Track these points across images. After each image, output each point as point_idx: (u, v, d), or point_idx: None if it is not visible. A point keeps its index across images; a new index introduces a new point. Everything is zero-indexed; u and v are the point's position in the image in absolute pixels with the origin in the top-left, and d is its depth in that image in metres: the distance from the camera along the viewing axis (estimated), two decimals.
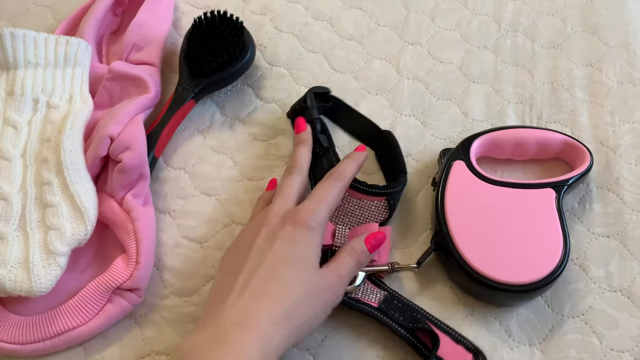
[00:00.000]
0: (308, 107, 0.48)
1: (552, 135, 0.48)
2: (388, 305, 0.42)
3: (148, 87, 0.49)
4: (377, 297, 0.42)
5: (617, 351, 0.42)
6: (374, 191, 0.44)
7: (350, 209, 0.45)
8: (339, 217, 0.45)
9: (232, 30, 0.50)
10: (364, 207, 0.45)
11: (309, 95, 0.48)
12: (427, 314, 0.42)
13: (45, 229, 0.41)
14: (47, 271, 0.39)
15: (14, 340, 0.40)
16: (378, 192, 0.45)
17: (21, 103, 0.46)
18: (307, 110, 0.48)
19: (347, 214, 0.45)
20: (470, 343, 0.41)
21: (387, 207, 0.45)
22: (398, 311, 0.42)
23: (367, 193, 0.45)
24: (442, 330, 0.41)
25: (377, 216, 0.45)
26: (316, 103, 0.49)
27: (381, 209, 0.45)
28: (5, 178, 0.42)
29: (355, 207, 0.45)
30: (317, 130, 0.47)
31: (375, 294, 0.42)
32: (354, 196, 0.45)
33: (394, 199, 0.45)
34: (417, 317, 0.41)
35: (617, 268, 0.44)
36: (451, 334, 0.41)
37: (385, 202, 0.45)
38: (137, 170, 0.45)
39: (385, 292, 0.43)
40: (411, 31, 0.57)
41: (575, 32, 0.56)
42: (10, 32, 0.46)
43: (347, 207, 0.45)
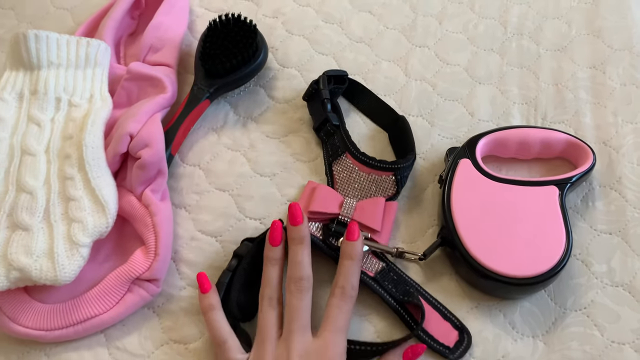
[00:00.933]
0: (320, 89, 0.50)
1: (556, 135, 0.49)
2: (383, 277, 0.44)
3: (165, 87, 0.51)
4: (375, 268, 0.44)
5: (618, 343, 0.43)
6: (382, 166, 0.47)
7: (359, 182, 0.47)
8: (348, 189, 0.47)
9: (245, 32, 0.51)
10: (372, 182, 0.47)
11: (322, 77, 0.51)
12: (420, 288, 0.45)
13: (68, 221, 0.43)
14: (70, 261, 0.41)
15: (39, 326, 0.41)
16: (386, 167, 0.47)
17: (44, 102, 0.48)
18: (319, 91, 0.50)
19: (356, 187, 0.47)
20: (458, 321, 0.43)
21: (395, 182, 0.47)
22: (392, 283, 0.44)
23: (376, 168, 0.47)
24: (432, 306, 0.44)
25: (385, 191, 0.47)
26: (331, 85, 0.51)
27: (389, 184, 0.47)
28: (31, 173, 0.44)
29: (363, 181, 0.47)
30: (327, 109, 0.50)
31: (374, 264, 0.45)
32: (362, 170, 0.47)
33: (402, 174, 0.47)
34: (409, 291, 0.43)
35: (618, 264, 0.46)
36: (441, 311, 0.44)
37: (392, 177, 0.46)
38: (155, 167, 0.46)
39: (383, 263, 0.45)
40: (419, 34, 0.58)
41: (580, 35, 0.58)
42: (34, 34, 0.48)
43: (355, 180, 0.47)
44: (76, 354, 0.42)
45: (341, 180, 0.48)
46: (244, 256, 0.43)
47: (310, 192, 0.47)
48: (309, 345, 0.38)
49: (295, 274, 0.40)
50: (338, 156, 0.49)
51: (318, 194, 0.46)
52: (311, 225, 0.46)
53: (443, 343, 0.42)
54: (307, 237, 0.42)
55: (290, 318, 0.39)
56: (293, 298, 0.39)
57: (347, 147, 0.48)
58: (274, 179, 0.50)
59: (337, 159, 0.49)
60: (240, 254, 0.44)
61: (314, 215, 0.46)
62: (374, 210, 0.45)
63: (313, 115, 0.52)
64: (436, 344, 0.42)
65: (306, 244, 0.42)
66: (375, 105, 0.54)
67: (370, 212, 0.45)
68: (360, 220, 0.45)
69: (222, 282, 0.43)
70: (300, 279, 0.40)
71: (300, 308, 0.39)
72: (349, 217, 0.45)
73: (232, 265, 0.43)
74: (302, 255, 0.41)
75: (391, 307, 0.43)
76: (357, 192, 0.47)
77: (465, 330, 0.43)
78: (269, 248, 0.42)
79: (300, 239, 0.42)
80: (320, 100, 0.50)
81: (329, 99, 0.50)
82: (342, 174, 0.48)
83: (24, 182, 0.43)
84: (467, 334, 0.43)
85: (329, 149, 0.50)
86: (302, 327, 0.39)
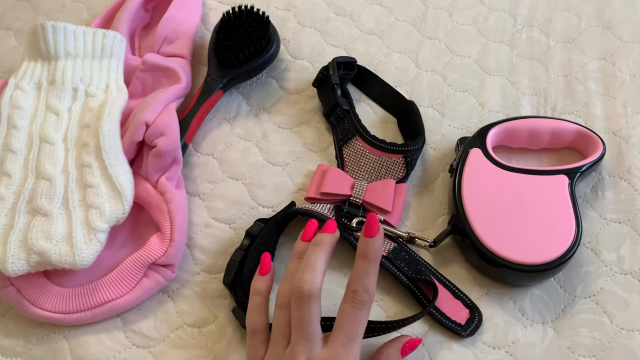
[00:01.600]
0: (329, 74, 0.51)
1: (566, 125, 0.50)
2: (396, 256, 0.45)
3: (179, 78, 0.52)
4: (387, 247, 0.45)
5: (627, 330, 0.43)
6: (392, 148, 0.47)
7: (369, 165, 0.48)
8: (358, 172, 0.48)
9: (258, 24, 0.52)
10: (382, 164, 0.48)
11: (331, 63, 0.52)
12: (431, 267, 0.45)
13: (86, 207, 0.44)
14: (88, 246, 0.42)
15: (58, 309, 0.42)
16: (396, 150, 0.47)
17: (62, 91, 0.49)
18: (329, 77, 0.51)
19: (366, 169, 0.48)
20: (469, 300, 0.44)
21: (405, 165, 0.47)
22: (404, 262, 0.45)
23: (386, 150, 0.47)
24: (444, 285, 0.45)
25: (395, 173, 0.48)
26: (340, 71, 0.52)
27: (399, 166, 0.47)
28: (49, 160, 0.45)
29: (374, 164, 0.48)
30: (338, 94, 0.50)
31: (386, 244, 0.45)
32: (373, 153, 0.48)
33: (411, 157, 0.48)
34: (421, 270, 0.44)
35: (628, 252, 0.46)
36: (451, 289, 0.44)
37: (402, 159, 0.47)
38: (170, 155, 0.47)
39: (395, 244, 0.46)
40: (429, 26, 0.59)
41: (590, 27, 0.58)
42: (52, 25, 0.49)
43: (366, 162, 0.48)
44: (94, 336, 0.43)
45: (351, 163, 0.49)
46: (256, 235, 0.44)
47: (322, 175, 0.48)
48: (316, 357, 0.35)
49: (301, 275, 0.36)
50: (348, 139, 0.49)
51: (329, 176, 0.47)
52: (323, 206, 0.46)
53: (455, 320, 0.43)
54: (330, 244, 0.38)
55: (295, 327, 0.36)
56: (294, 306, 0.36)
57: (357, 130, 0.49)
58: (286, 168, 0.51)
59: (348, 142, 0.49)
60: (253, 234, 0.44)
61: (325, 196, 0.46)
62: (385, 192, 0.46)
63: (323, 101, 0.53)
64: (448, 321, 0.43)
65: (326, 250, 0.37)
66: (384, 91, 0.54)
67: (381, 193, 0.46)
68: (371, 201, 0.46)
69: (234, 260, 0.43)
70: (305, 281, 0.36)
71: (302, 318, 0.35)
72: (360, 198, 0.46)
73: (245, 244, 0.44)
74: (316, 257, 0.37)
75: (404, 285, 0.44)
76: (367, 175, 0.48)
77: (476, 309, 0.44)
78: (299, 242, 0.40)
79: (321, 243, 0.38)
80: (330, 85, 0.51)
81: (339, 84, 0.51)
82: (353, 157, 0.49)
83: (43, 169, 0.44)
84: (478, 312, 0.44)
85: (339, 133, 0.50)
86: (307, 338, 0.35)
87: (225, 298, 0.45)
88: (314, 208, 0.46)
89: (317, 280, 0.36)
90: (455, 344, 0.43)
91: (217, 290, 0.45)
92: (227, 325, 0.44)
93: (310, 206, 0.46)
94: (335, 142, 0.51)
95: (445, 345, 0.43)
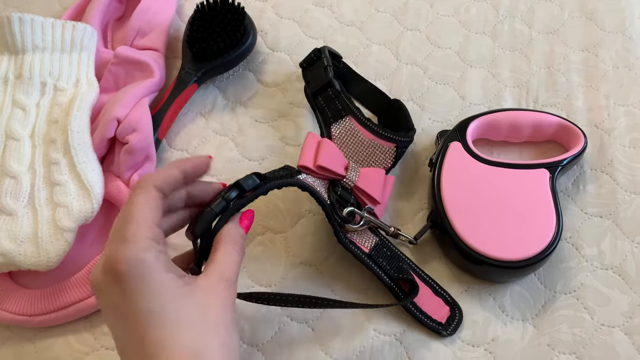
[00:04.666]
0: (322, 56, 0.49)
1: (547, 118, 0.49)
2: (377, 252, 0.43)
3: (153, 72, 0.50)
4: (370, 243, 0.44)
5: (607, 326, 0.43)
6: (387, 135, 0.46)
7: (359, 146, 0.46)
8: (352, 153, 0.47)
9: (233, 15, 0.51)
10: (373, 148, 0.46)
11: (324, 47, 0.50)
12: (413, 265, 0.45)
13: (53, 206, 0.42)
14: (55, 246, 0.41)
15: (23, 312, 0.41)
16: (390, 137, 0.46)
17: (29, 86, 0.47)
18: (321, 58, 0.49)
19: (355, 150, 0.46)
20: (450, 297, 0.43)
21: (395, 154, 0.46)
22: (386, 259, 0.43)
23: (380, 135, 0.46)
24: (424, 281, 0.44)
25: (383, 161, 0.46)
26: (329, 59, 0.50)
27: (388, 155, 0.46)
28: (15, 157, 0.44)
29: (366, 146, 0.46)
30: (331, 75, 0.48)
31: (369, 238, 0.44)
32: (365, 135, 0.46)
33: (403, 148, 0.47)
34: (402, 267, 0.43)
35: (609, 247, 0.45)
36: (432, 286, 0.44)
37: (394, 149, 0.46)
38: (143, 152, 0.46)
39: (377, 238, 0.44)
40: (410, 17, 0.58)
41: (572, 18, 0.57)
42: (18, 17, 0.47)
43: (356, 143, 0.46)
44: (61, 338, 0.42)
45: (340, 141, 0.47)
46: (246, 191, 0.37)
47: (316, 145, 0.44)
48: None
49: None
50: (340, 118, 0.47)
51: (325, 148, 0.44)
52: (319, 183, 0.43)
53: (435, 319, 0.42)
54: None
55: None
56: None
57: (351, 110, 0.47)
58: (263, 163, 0.50)
59: (339, 120, 0.47)
60: (244, 187, 0.37)
61: (321, 170, 0.43)
62: (377, 181, 0.45)
63: (311, 81, 0.50)
64: (429, 320, 0.42)
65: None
66: (367, 90, 0.53)
67: (373, 181, 0.45)
68: (363, 187, 0.44)
69: (213, 211, 0.36)
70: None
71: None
72: (353, 182, 0.44)
73: (230, 196, 0.36)
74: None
75: (385, 285, 0.43)
76: (355, 156, 0.47)
77: (457, 306, 0.43)
78: None
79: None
80: (323, 66, 0.49)
81: (332, 67, 0.49)
82: (342, 135, 0.47)
83: (8, 166, 0.43)
84: (459, 309, 0.43)
85: (328, 113, 0.47)
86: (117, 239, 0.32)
87: None
88: (313, 183, 0.42)
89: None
90: (434, 343, 0.42)
91: None
92: None
93: (309, 180, 0.42)
94: (321, 122, 0.48)
95: (424, 343, 0.42)
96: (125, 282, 0.30)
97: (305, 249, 0.46)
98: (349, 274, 0.45)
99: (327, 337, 0.42)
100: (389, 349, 0.42)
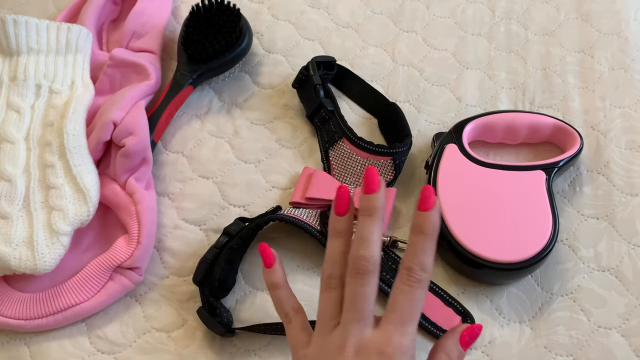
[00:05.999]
0: (310, 74, 0.50)
1: (543, 119, 0.49)
2: (381, 267, 0.43)
3: (149, 74, 0.50)
4: None
5: (604, 328, 0.43)
6: (380, 150, 0.46)
7: (357, 168, 0.46)
8: (345, 175, 0.47)
9: (229, 17, 0.51)
10: None
11: (311, 63, 0.50)
12: None
13: (48, 209, 0.42)
14: (50, 250, 0.40)
15: (19, 316, 0.41)
16: (385, 152, 0.46)
17: (24, 88, 0.47)
18: (310, 77, 0.50)
19: (354, 172, 0.46)
20: (461, 306, 0.43)
21: (393, 167, 0.46)
22: (390, 272, 0.43)
23: (374, 152, 0.46)
24: (434, 293, 0.43)
25: (383, 176, 0.46)
26: (320, 71, 0.51)
27: (387, 168, 0.46)
28: (9, 160, 0.43)
29: (361, 166, 0.46)
30: (321, 95, 0.48)
31: None
32: (360, 155, 0.46)
33: (400, 159, 0.46)
34: None
35: (605, 248, 0.46)
36: (442, 297, 0.43)
37: (391, 161, 0.46)
38: (139, 155, 0.46)
39: (381, 252, 0.44)
40: (406, 19, 0.58)
41: (568, 20, 0.57)
42: (12, 19, 0.47)
43: (353, 165, 0.46)
44: (57, 343, 0.42)
45: (338, 166, 0.47)
46: (234, 235, 0.43)
47: (307, 179, 0.46)
48: (367, 338, 0.32)
49: (359, 252, 0.33)
50: (335, 142, 0.48)
51: (315, 180, 0.46)
52: (308, 212, 0.45)
53: (445, 330, 0.42)
54: (382, 209, 0.34)
55: (348, 305, 0.33)
56: (352, 281, 0.33)
57: (343, 132, 0.47)
58: (259, 165, 0.50)
59: (334, 145, 0.48)
60: (231, 232, 0.43)
61: (311, 202, 0.45)
62: None
63: (305, 102, 0.51)
64: (439, 331, 0.42)
65: (379, 218, 0.33)
66: (365, 91, 0.53)
67: None
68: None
69: (206, 259, 0.42)
70: (364, 258, 0.32)
71: (360, 294, 0.32)
72: None
73: (221, 242, 0.42)
74: (371, 230, 0.33)
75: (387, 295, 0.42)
76: (355, 178, 0.47)
77: (469, 315, 0.43)
78: (334, 218, 0.34)
79: (372, 210, 0.33)
80: (312, 86, 0.49)
81: (321, 85, 0.49)
82: (339, 160, 0.47)
83: (3, 169, 0.43)
84: (471, 319, 0.43)
85: (324, 136, 0.49)
86: (361, 317, 0.32)
87: (195, 301, 0.44)
88: (298, 215, 0.44)
89: (376, 255, 0.33)
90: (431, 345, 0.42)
91: (187, 293, 0.44)
92: (196, 329, 0.42)
93: (294, 212, 0.44)
94: (320, 145, 0.49)
95: (421, 345, 0.42)
96: None
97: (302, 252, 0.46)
98: None
99: None
100: None
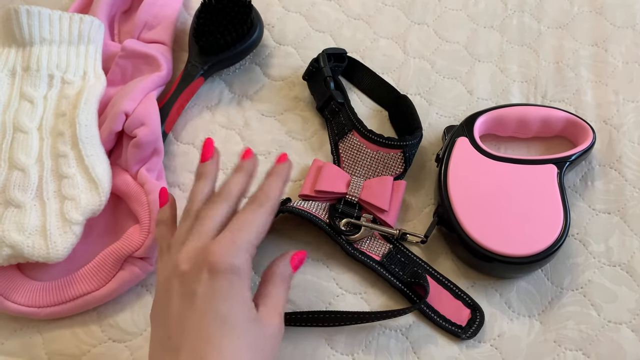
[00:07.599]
0: (321, 67, 0.49)
1: (556, 113, 0.48)
2: (390, 260, 0.43)
3: (160, 65, 0.50)
4: (382, 250, 0.44)
5: (614, 323, 0.42)
6: (390, 143, 0.46)
7: (367, 161, 0.46)
8: (355, 168, 0.47)
9: (240, 9, 0.50)
10: (379, 159, 0.46)
11: (322, 55, 0.50)
12: (430, 268, 0.44)
13: (61, 199, 0.42)
14: (63, 239, 0.41)
15: (32, 303, 0.41)
16: (395, 144, 0.46)
17: (37, 78, 0.48)
18: (320, 69, 0.50)
19: (363, 165, 0.46)
20: (470, 299, 0.43)
21: (403, 160, 0.46)
22: (399, 265, 0.43)
23: (384, 145, 0.46)
24: (443, 285, 0.43)
25: (393, 169, 0.46)
26: (331, 63, 0.50)
27: (397, 161, 0.46)
28: (23, 150, 0.44)
29: (371, 159, 0.46)
30: (331, 87, 0.48)
31: (381, 246, 0.44)
32: (370, 148, 0.46)
33: (410, 152, 0.46)
34: (417, 272, 0.43)
35: (617, 243, 0.45)
36: (451, 289, 0.43)
37: (401, 154, 0.46)
38: (151, 146, 0.46)
39: (390, 245, 0.44)
40: (418, 11, 0.57)
41: (582, 12, 0.57)
42: (26, 9, 0.47)
43: (363, 158, 0.46)
44: (69, 330, 0.42)
45: (348, 159, 0.47)
46: None
47: (317, 171, 0.46)
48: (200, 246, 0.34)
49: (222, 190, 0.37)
50: (344, 134, 0.48)
51: (324, 173, 0.45)
52: (317, 205, 0.45)
53: (455, 322, 0.42)
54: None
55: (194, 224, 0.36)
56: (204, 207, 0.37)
57: (353, 124, 0.47)
58: (269, 157, 0.50)
59: (344, 137, 0.48)
60: None
61: (320, 194, 0.45)
62: (382, 189, 0.45)
63: (315, 95, 0.51)
64: (448, 323, 0.42)
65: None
66: (376, 83, 0.53)
67: (378, 190, 0.44)
68: (367, 199, 0.44)
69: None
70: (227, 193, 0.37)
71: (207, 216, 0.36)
72: (356, 196, 0.45)
73: None
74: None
75: (398, 290, 0.43)
76: (365, 171, 0.47)
77: (478, 308, 0.43)
78: (200, 165, 0.39)
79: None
80: (322, 78, 0.49)
81: (332, 77, 0.49)
82: (349, 153, 0.47)
83: (16, 159, 0.43)
84: (480, 312, 0.42)
85: (334, 128, 0.49)
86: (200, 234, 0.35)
87: None
88: (307, 207, 0.44)
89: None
90: (440, 338, 0.42)
91: None
92: None
93: (302, 204, 0.44)
94: (330, 137, 0.49)
95: (430, 338, 0.42)
96: (217, 281, 0.32)
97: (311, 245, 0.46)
98: (356, 267, 0.45)
99: (333, 331, 0.42)
100: (395, 343, 0.42)
